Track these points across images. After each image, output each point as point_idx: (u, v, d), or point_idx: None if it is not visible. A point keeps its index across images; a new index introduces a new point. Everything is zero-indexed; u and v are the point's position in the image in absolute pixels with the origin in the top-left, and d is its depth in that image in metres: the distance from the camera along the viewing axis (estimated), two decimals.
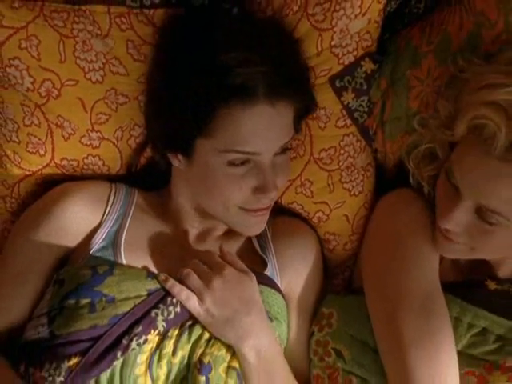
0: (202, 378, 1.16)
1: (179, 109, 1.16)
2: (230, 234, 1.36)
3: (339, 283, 1.45)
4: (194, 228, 1.33)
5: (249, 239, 1.37)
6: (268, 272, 1.32)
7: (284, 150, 1.21)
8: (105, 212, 1.30)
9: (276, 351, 1.24)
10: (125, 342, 1.15)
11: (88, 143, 1.32)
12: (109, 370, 1.14)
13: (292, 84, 1.17)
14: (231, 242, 1.36)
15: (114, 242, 1.26)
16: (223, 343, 1.19)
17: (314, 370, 1.33)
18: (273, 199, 1.25)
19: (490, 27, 1.15)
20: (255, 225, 1.27)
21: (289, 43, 1.23)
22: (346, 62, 1.25)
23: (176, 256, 1.28)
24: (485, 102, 1.06)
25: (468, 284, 1.29)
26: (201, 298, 1.18)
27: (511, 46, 1.12)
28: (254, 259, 1.34)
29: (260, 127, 1.15)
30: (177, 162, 1.23)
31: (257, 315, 1.21)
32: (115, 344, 1.15)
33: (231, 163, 1.17)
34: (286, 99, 1.16)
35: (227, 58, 1.11)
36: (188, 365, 1.18)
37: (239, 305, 1.20)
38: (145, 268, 1.24)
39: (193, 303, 1.18)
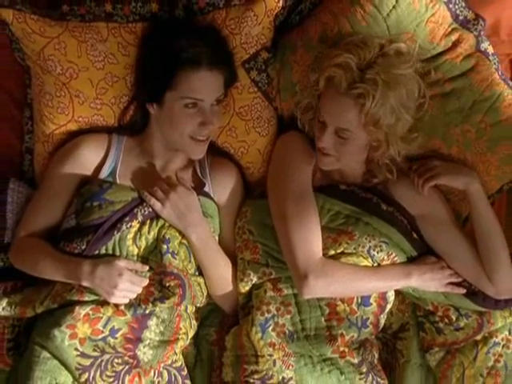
0: (164, 246, 1.72)
1: (156, 73, 1.69)
2: (183, 167, 1.85)
3: (257, 194, 1.91)
4: (159, 159, 1.82)
5: (194, 170, 1.85)
6: (206, 189, 1.84)
7: (218, 102, 1.74)
8: (106, 155, 1.81)
9: (209, 236, 1.78)
10: (118, 225, 1.71)
11: (94, 107, 1.82)
12: (111, 242, 1.71)
13: (222, 60, 1.72)
14: (184, 171, 1.85)
15: (112, 175, 1.81)
16: (176, 228, 1.76)
17: (236, 243, 1.85)
18: (210, 132, 1.74)
19: (331, 31, 1.74)
20: (198, 151, 1.79)
21: (220, 37, 1.78)
22: (251, 52, 1.80)
23: (148, 181, 1.77)
24: (332, 64, 1.61)
25: (330, 186, 1.81)
26: (162, 204, 1.72)
27: (345, 38, 1.68)
28: (197, 182, 1.86)
29: (203, 83, 1.67)
30: (152, 109, 1.74)
31: (196, 215, 1.75)
32: (113, 227, 1.71)
33: (186, 106, 1.68)
34: (219, 68, 1.70)
35: (183, 42, 1.66)
36: (157, 239, 1.74)
37: (185, 208, 1.73)
38: (129, 186, 1.79)
39: (157, 207, 1.73)
